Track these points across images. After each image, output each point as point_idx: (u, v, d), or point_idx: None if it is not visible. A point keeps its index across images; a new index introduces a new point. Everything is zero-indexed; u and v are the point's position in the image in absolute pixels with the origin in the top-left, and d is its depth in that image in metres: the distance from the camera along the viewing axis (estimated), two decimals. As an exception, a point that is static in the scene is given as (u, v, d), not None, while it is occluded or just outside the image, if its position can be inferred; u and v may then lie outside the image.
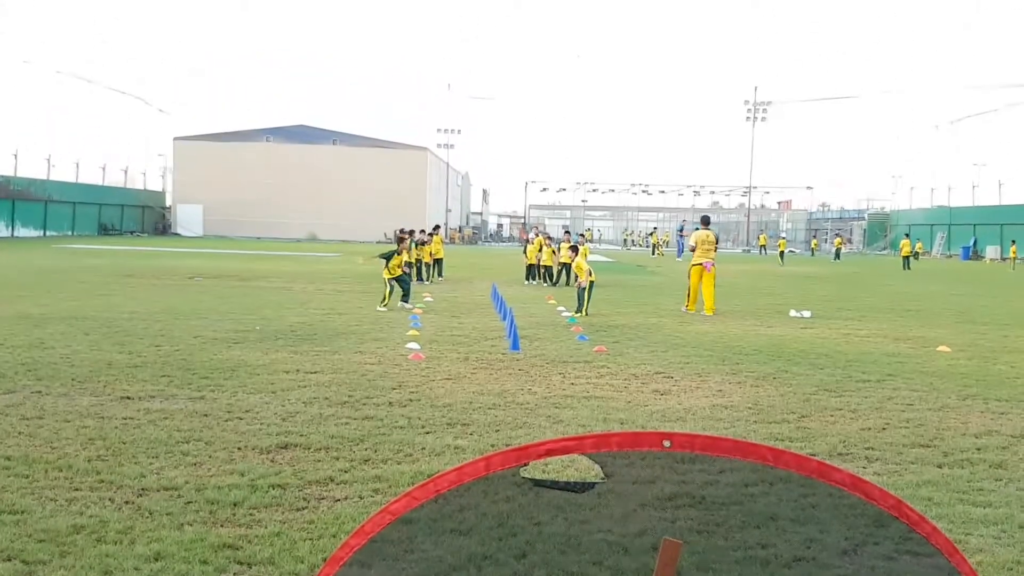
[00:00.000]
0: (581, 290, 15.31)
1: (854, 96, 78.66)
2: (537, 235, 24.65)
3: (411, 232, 22.23)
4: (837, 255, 49.47)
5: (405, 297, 15.65)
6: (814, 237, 69.17)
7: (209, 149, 70.17)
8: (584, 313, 14.74)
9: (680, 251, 18.24)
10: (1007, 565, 4.09)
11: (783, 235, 60.40)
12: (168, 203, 74.06)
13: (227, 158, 69.45)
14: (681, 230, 53.66)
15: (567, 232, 26.65)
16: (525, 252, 24.73)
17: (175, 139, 73.22)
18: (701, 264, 16.55)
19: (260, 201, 69.31)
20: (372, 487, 5.02)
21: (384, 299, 15.26)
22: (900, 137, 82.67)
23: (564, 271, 22.57)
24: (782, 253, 45.42)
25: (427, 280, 22.73)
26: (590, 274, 15.54)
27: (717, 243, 17.25)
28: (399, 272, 15.90)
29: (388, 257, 15.85)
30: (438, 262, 23.96)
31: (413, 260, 23.18)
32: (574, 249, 17.09)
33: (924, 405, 7.82)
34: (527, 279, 23.73)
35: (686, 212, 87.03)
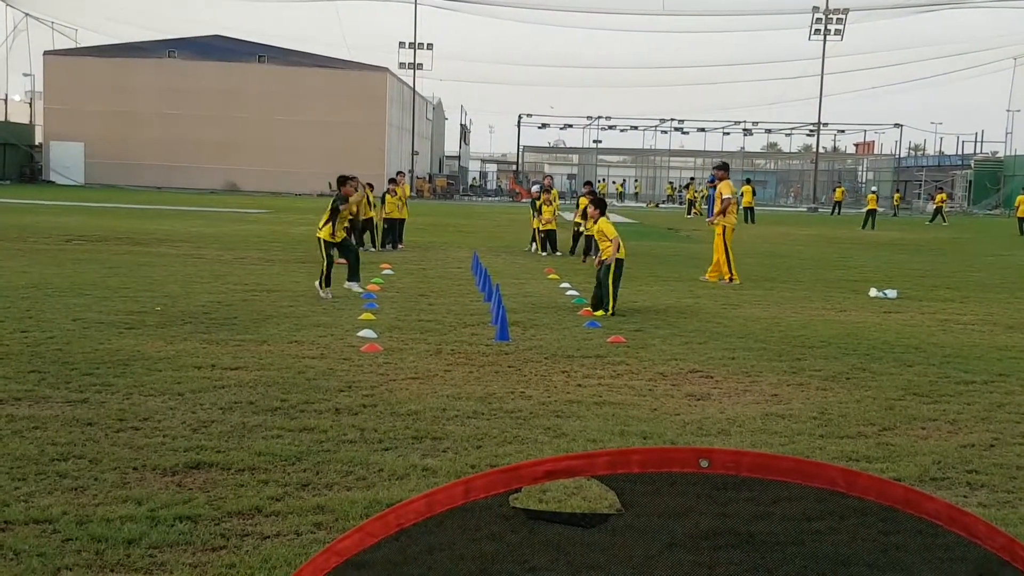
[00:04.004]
0: (605, 271, 13.24)
1: (960, 3, 78.46)
2: (547, 189, 23.71)
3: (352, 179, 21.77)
4: (937, 215, 48.78)
5: (353, 275, 14.61)
6: (897, 191, 69.16)
7: (92, 68, 69.66)
8: (611, 311, 12.85)
9: (712, 209, 18.00)
10: None
11: (873, 188, 59.63)
12: (38, 140, 73.60)
13: (117, 80, 68.99)
14: (712, 181, 53.50)
15: (588, 185, 25.34)
16: (537, 212, 23.52)
17: (46, 53, 72.62)
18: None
19: (161, 139, 69.00)
20: (313, 520, 5.05)
21: (322, 277, 13.94)
22: (1020, 59, 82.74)
23: (585, 240, 22.13)
24: (870, 212, 42.56)
25: (375, 247, 22.59)
26: (619, 246, 13.32)
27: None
28: (343, 235, 14.86)
29: (332, 216, 14.40)
30: (394, 225, 23.58)
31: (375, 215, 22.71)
32: (599, 204, 14.06)
33: (1045, 415, 7.89)
34: (570, 251, 22.86)
35: (734, 157, 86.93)
